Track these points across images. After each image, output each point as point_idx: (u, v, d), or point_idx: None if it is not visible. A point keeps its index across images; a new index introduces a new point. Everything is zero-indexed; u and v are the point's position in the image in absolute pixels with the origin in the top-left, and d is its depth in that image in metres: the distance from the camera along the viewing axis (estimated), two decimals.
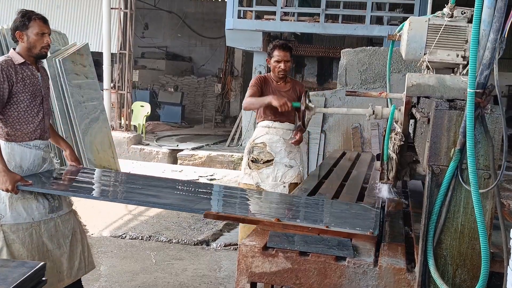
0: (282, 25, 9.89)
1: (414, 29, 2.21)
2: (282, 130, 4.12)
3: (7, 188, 2.77)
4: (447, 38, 2.17)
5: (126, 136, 10.30)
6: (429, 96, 2.04)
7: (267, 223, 2.38)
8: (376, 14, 9.56)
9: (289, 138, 4.09)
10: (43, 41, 2.95)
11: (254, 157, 4.10)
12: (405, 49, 2.25)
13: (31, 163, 3.00)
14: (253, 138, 4.18)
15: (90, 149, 7.24)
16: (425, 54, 2.19)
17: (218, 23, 16.28)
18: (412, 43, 2.22)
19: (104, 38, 10.34)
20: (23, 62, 2.95)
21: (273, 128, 4.12)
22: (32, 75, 2.98)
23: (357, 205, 2.94)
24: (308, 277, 2.01)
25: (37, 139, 3.02)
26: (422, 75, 2.09)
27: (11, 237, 2.85)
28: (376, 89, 6.47)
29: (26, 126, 2.95)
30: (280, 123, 4.12)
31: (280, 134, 4.10)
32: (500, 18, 1.71)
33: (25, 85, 2.93)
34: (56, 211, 3.01)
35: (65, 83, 6.98)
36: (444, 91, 1.98)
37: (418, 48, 2.21)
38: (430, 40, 2.18)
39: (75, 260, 3.06)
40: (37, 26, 2.93)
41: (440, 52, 2.19)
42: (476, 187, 1.72)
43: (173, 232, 5.34)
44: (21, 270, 1.88)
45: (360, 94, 2.94)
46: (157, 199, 2.96)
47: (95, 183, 3.39)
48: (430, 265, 1.85)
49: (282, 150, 4.07)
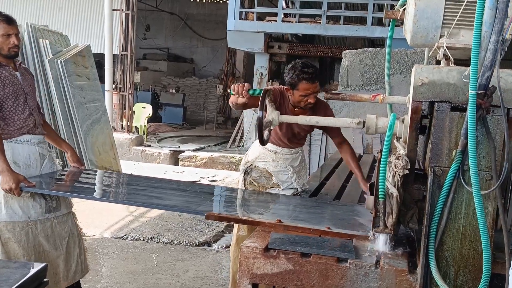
0: (283, 26, 9.89)
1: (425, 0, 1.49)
2: (290, 157, 3.42)
3: (10, 187, 2.76)
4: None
5: (127, 138, 10.30)
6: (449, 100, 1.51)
7: (269, 225, 2.38)
8: (377, 15, 9.55)
9: (298, 163, 3.46)
10: (9, 42, 2.91)
11: (252, 180, 3.47)
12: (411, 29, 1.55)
13: (26, 158, 2.97)
14: (253, 158, 3.45)
15: (92, 150, 7.25)
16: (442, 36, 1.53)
17: (219, 24, 16.29)
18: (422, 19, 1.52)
19: (106, 40, 10.35)
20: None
21: (280, 155, 3.40)
22: (10, 75, 2.96)
23: (358, 206, 2.94)
24: (309, 279, 2.01)
25: (26, 134, 2.99)
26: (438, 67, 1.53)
27: (6, 236, 2.84)
28: (377, 91, 6.44)
29: (13, 124, 2.94)
30: (289, 149, 3.40)
31: (288, 162, 3.42)
32: (502, 20, 1.70)
33: (4, 86, 2.91)
34: (53, 211, 3.00)
35: (67, 85, 6.99)
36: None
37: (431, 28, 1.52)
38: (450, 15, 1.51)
39: (72, 263, 3.05)
40: (1, 29, 2.88)
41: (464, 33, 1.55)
42: (477, 188, 1.72)
43: (174, 233, 5.34)
44: (23, 271, 1.88)
45: (345, 98, 2.28)
46: (160, 201, 2.96)
47: (97, 184, 3.40)
48: (432, 267, 1.84)
49: (290, 179, 3.43)
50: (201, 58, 19.08)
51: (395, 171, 1.70)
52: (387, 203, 1.76)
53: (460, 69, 1.54)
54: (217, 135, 13.43)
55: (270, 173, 3.41)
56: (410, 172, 1.73)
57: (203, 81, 17.74)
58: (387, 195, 1.75)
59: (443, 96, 1.51)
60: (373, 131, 1.91)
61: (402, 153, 1.75)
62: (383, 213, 1.78)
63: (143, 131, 11.44)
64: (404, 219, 1.83)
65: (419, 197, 1.81)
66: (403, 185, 1.73)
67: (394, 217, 1.76)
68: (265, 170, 3.42)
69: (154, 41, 18.59)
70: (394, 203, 1.74)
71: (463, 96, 1.46)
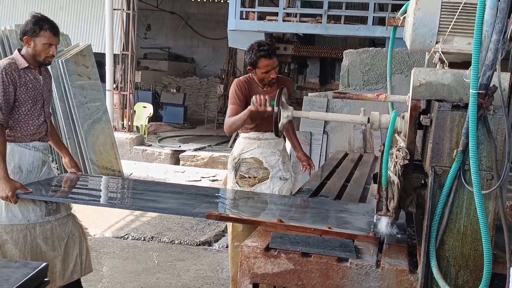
0: (284, 26, 9.88)
1: (423, 9, 1.74)
2: (274, 141, 3.59)
3: (6, 195, 2.76)
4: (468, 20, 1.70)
5: (128, 137, 10.31)
6: (444, 99, 1.69)
7: (270, 224, 2.38)
8: (378, 15, 9.54)
9: (282, 148, 3.63)
10: (48, 51, 2.96)
11: (242, 174, 3.56)
12: (410, 36, 1.79)
13: (30, 164, 2.99)
14: (238, 152, 3.57)
15: (93, 150, 7.26)
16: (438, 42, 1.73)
17: (220, 24, 16.28)
18: (420, 27, 1.75)
19: (107, 39, 10.36)
20: (27, 66, 2.96)
21: (264, 140, 3.56)
22: (34, 79, 2.99)
23: (359, 206, 2.94)
24: (310, 278, 2.01)
25: (36, 141, 3.02)
26: (434, 70, 1.73)
27: (4, 237, 2.85)
28: (378, 91, 6.44)
29: (26, 129, 2.96)
30: (271, 133, 3.36)
31: (273, 145, 3.58)
32: (503, 19, 1.70)
33: (27, 90, 2.94)
34: (53, 214, 3.01)
35: (68, 84, 7.00)
36: (464, 93, 1.63)
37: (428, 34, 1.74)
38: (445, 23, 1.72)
39: (70, 263, 3.05)
40: (46, 38, 2.94)
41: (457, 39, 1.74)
42: (478, 188, 1.72)
43: (175, 233, 5.34)
44: (24, 271, 1.88)
45: (352, 97, 2.46)
46: (156, 204, 2.98)
47: (95, 190, 3.41)
48: (433, 266, 1.84)
49: (278, 163, 3.58)
50: (201, 57, 19.08)
51: (396, 161, 1.92)
52: (389, 190, 1.98)
53: (453, 71, 1.68)
54: (218, 134, 13.43)
55: (260, 160, 3.54)
56: (410, 162, 1.92)
57: (203, 81, 17.74)
58: (389, 183, 1.96)
59: (438, 95, 1.67)
60: (376, 127, 2.12)
61: (402, 146, 1.95)
62: (385, 198, 2.00)
63: (144, 130, 11.45)
64: (404, 204, 2.03)
65: (418, 184, 2.01)
66: (403, 174, 1.94)
67: (395, 201, 1.98)
68: (253, 160, 3.55)
69: (154, 41, 18.60)
70: (395, 189, 1.96)
71: (456, 95, 1.63)
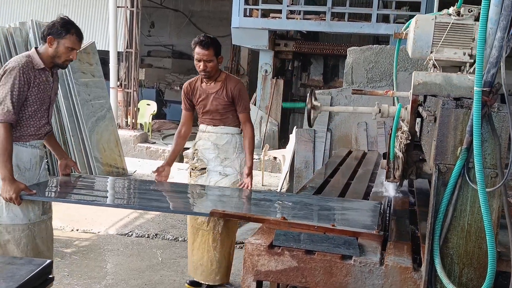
0: (288, 23, 9.87)
1: (421, 27, 2.20)
2: (215, 135, 3.63)
3: (10, 197, 2.76)
4: (454, 36, 2.17)
5: (132, 135, 10.32)
6: (436, 94, 2.03)
7: (273, 222, 2.39)
8: (382, 12, 9.52)
9: (224, 143, 3.63)
10: (69, 55, 2.95)
11: (192, 164, 3.69)
12: (411, 47, 2.25)
13: (27, 161, 2.97)
14: (194, 142, 3.77)
15: (97, 147, 7.28)
16: (432, 52, 2.19)
17: (224, 21, 16.26)
18: (419, 41, 2.20)
19: (111, 37, 10.36)
20: (43, 68, 2.94)
21: (206, 132, 3.66)
22: (46, 81, 2.98)
23: (363, 203, 2.94)
24: (314, 276, 2.01)
25: (34, 140, 3.00)
26: (429, 73, 2.09)
27: (5, 237, 2.86)
28: (382, 88, 6.44)
29: (26, 129, 2.94)
30: (213, 126, 3.62)
31: (212, 139, 3.63)
32: (507, 16, 1.70)
33: (38, 91, 2.92)
34: (47, 212, 3.04)
35: (72, 82, 7.02)
36: (450, 90, 1.99)
37: (425, 46, 2.20)
38: (437, 38, 2.18)
39: None
40: (71, 42, 2.92)
41: (446, 50, 2.18)
42: (483, 186, 1.72)
43: (179, 230, 5.35)
44: (29, 268, 1.89)
45: (366, 93, 2.95)
46: (159, 203, 2.99)
47: (99, 190, 3.42)
48: (437, 264, 1.84)
49: (215, 158, 3.61)
50: None
51: (401, 141, 2.46)
52: (395, 162, 2.61)
53: (443, 74, 2.05)
54: None
55: (198, 150, 3.64)
56: (411, 142, 2.46)
57: None
58: (396, 157, 2.60)
59: (432, 92, 2.03)
60: (386, 115, 2.61)
61: (405, 129, 2.44)
62: (393, 168, 2.64)
63: (148, 128, 11.46)
64: (406, 173, 2.61)
65: (417, 159, 2.58)
66: (406, 151, 2.51)
67: (400, 171, 2.57)
68: (196, 151, 3.68)
69: (158, 38, 18.59)
70: (400, 162, 2.55)
71: (445, 92, 1.99)
